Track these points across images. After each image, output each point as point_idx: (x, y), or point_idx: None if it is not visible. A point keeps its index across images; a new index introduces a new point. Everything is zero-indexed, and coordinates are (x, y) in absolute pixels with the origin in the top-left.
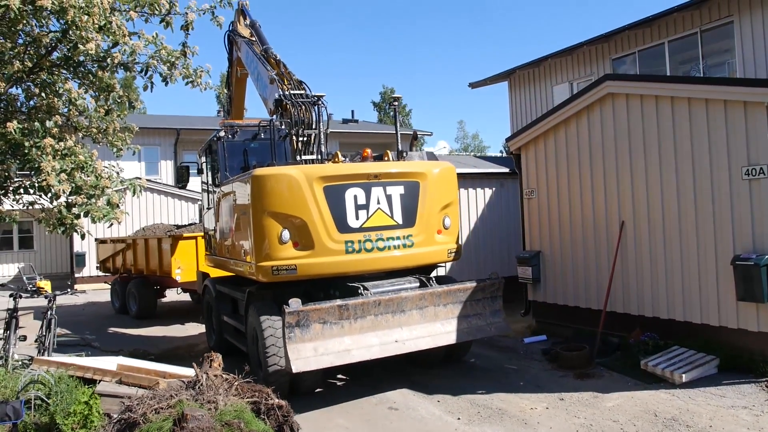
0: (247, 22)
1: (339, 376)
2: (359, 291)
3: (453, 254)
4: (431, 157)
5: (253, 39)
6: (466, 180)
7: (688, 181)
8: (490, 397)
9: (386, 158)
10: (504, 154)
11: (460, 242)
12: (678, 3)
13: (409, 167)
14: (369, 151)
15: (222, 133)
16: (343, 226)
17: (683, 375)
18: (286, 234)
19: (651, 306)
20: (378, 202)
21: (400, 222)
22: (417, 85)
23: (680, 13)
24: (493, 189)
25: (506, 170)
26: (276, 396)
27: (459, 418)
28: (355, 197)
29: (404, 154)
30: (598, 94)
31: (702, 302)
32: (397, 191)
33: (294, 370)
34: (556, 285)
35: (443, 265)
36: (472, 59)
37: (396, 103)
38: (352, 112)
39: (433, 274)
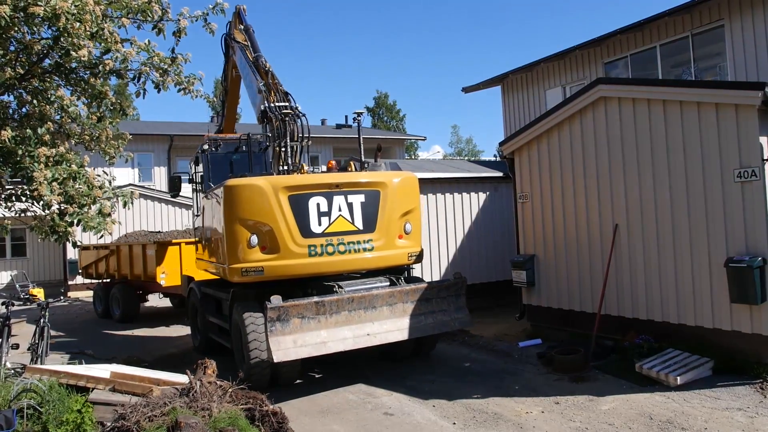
0: (242, 26)
1: (316, 369)
2: (334, 289)
3: (414, 257)
4: (394, 167)
5: (247, 44)
6: (460, 184)
7: (681, 184)
8: (485, 401)
9: (350, 169)
10: (498, 159)
11: (422, 246)
12: (669, 7)
13: (370, 177)
14: (333, 162)
15: (206, 146)
16: (306, 231)
17: (678, 377)
18: (254, 239)
19: (645, 309)
20: (339, 210)
21: (361, 227)
22: (411, 90)
23: (671, 17)
24: (487, 193)
25: (500, 174)
26: (270, 403)
27: (454, 423)
28: (318, 205)
29: (366, 165)
30: (591, 98)
31: (696, 304)
32: (358, 199)
33: (275, 360)
34: (550, 288)
35: (437, 268)
36: (466, 64)
37: (359, 118)
38: (346, 117)
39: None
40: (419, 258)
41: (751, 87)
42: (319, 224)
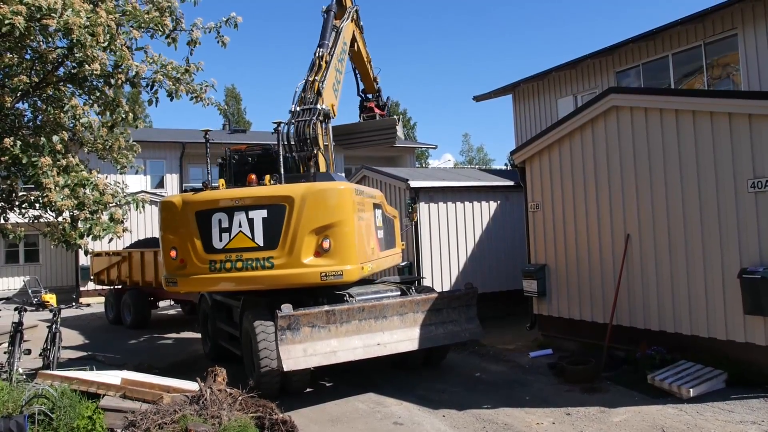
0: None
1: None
2: (345, 298)
3: (332, 277)
4: (326, 177)
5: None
6: (470, 193)
7: (694, 194)
8: (495, 411)
9: (265, 183)
10: (509, 167)
11: (356, 265)
12: (682, 16)
13: (273, 192)
14: (254, 176)
15: (220, 160)
16: (209, 247)
17: (691, 390)
18: (174, 252)
19: (657, 319)
20: (239, 226)
21: (261, 244)
22: (422, 99)
23: (684, 26)
24: (498, 202)
25: (511, 183)
26: (280, 411)
27: None
28: (220, 221)
29: (276, 179)
30: (603, 107)
31: (709, 316)
32: (259, 215)
33: (285, 369)
34: (561, 298)
35: (448, 277)
36: (477, 73)
37: (279, 129)
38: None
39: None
40: (347, 276)
41: (765, 96)
42: (220, 240)
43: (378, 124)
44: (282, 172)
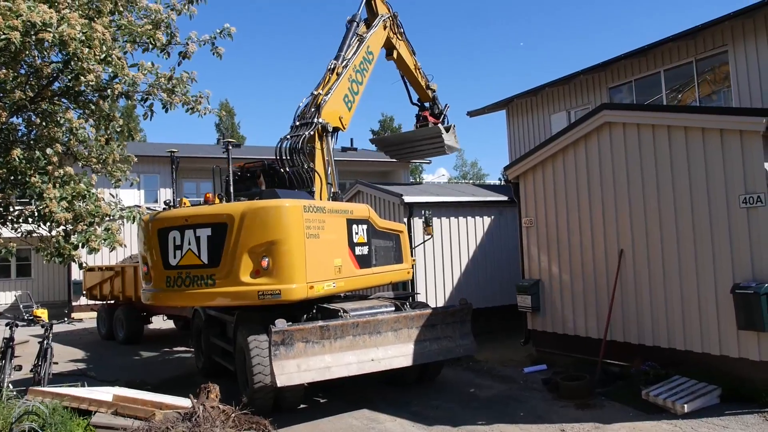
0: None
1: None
2: (339, 313)
3: (269, 296)
4: (272, 195)
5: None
6: (465, 208)
7: (686, 209)
8: (490, 428)
9: (215, 202)
10: (503, 182)
11: (301, 284)
12: (673, 33)
13: (215, 210)
14: (210, 195)
15: (225, 177)
16: (166, 264)
17: (685, 405)
18: (145, 267)
19: (651, 335)
20: (189, 244)
21: (206, 262)
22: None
23: (675, 43)
24: (492, 217)
25: (505, 198)
26: (274, 428)
27: None
28: (174, 239)
29: (222, 198)
30: (596, 123)
31: (702, 331)
32: (205, 233)
33: (279, 385)
34: (555, 314)
35: (442, 292)
36: (471, 88)
37: (230, 147)
38: (351, 140)
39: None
40: (283, 296)
41: (756, 113)
42: (174, 257)
43: (421, 134)
44: (231, 192)
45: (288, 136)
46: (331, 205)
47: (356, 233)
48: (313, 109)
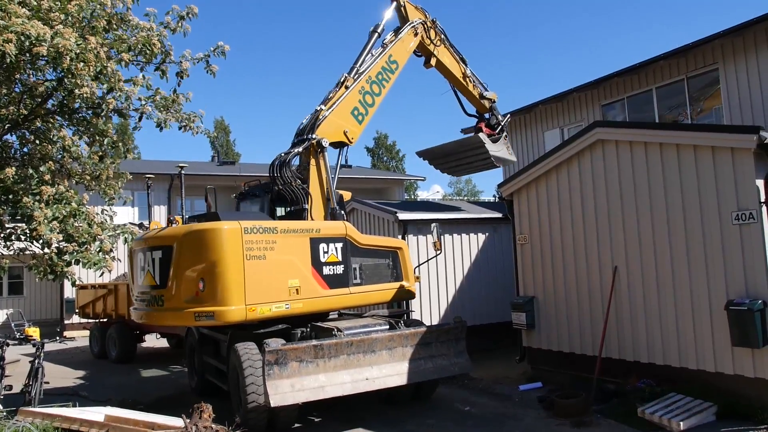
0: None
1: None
2: (333, 332)
3: (204, 318)
4: (213, 217)
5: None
6: (459, 225)
7: (680, 227)
8: None
9: (174, 224)
10: (497, 199)
11: (239, 306)
12: (664, 51)
13: (163, 234)
14: (178, 217)
15: (233, 195)
16: (136, 283)
17: (681, 423)
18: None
19: (646, 352)
20: (148, 265)
21: (158, 283)
22: (410, 131)
23: (666, 61)
24: (487, 234)
25: (500, 215)
26: None
27: None
28: (140, 259)
29: (172, 221)
30: (588, 141)
31: (697, 348)
32: (157, 255)
33: (272, 404)
34: (550, 331)
35: (436, 310)
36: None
37: (182, 171)
38: (346, 158)
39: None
40: (219, 318)
41: (746, 131)
42: (140, 278)
43: (462, 145)
44: (210, 212)
45: (283, 153)
46: (286, 225)
47: (325, 252)
48: (310, 125)
